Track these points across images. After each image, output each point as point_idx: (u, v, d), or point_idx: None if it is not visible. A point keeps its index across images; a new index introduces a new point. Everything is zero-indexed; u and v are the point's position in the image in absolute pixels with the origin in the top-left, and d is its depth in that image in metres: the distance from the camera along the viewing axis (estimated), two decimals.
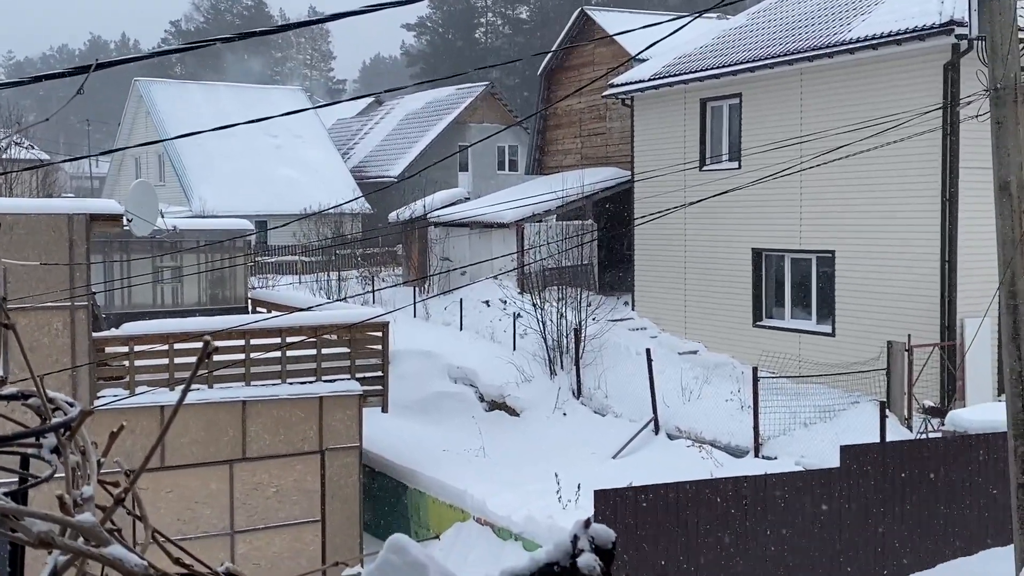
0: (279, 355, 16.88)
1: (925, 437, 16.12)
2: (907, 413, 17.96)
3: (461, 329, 26.07)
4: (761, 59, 21.99)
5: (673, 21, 10.40)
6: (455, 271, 27.15)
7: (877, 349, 19.07)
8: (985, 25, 8.88)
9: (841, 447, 13.23)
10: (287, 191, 41.74)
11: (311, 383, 17.14)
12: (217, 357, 15.16)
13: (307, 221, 32.52)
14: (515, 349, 23.76)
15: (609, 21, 32.11)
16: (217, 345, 1.39)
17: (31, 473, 1.40)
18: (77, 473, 1.32)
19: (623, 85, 26.33)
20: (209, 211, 38.39)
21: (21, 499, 1.30)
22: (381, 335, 17.93)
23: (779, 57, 21.48)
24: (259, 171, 42.79)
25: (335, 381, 17.31)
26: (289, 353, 17.00)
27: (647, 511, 12.09)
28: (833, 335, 20.91)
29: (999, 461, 12.58)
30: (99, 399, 15.50)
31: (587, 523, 1.30)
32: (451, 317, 26.81)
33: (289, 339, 16.94)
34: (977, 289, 17.54)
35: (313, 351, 17.24)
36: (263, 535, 16.75)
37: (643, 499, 12.15)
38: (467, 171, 44.21)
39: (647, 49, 12.13)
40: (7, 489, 1.30)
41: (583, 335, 22.66)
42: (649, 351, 20.64)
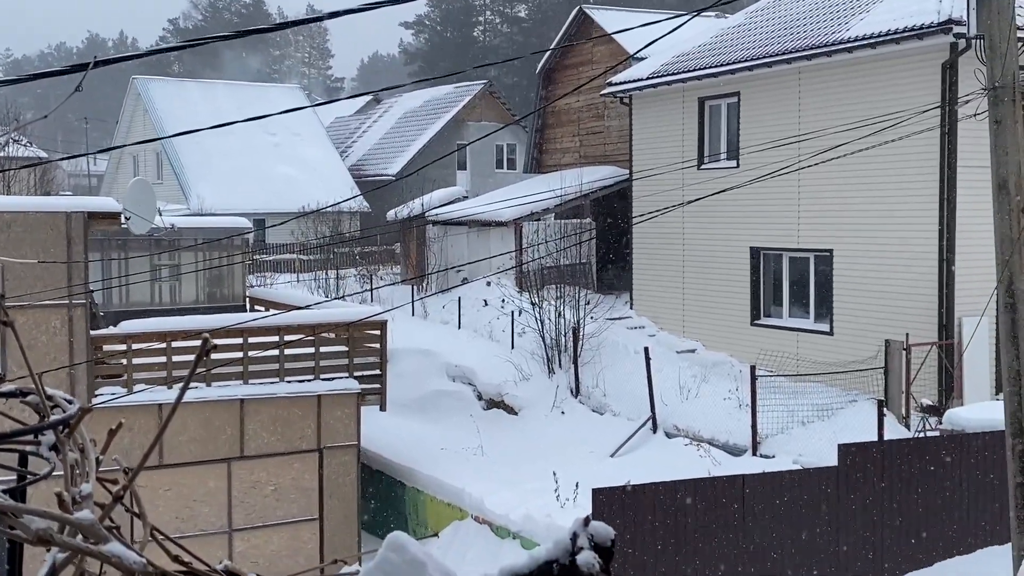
0: (277, 353, 16.88)
1: (923, 436, 16.13)
2: (905, 412, 17.97)
3: (459, 328, 26.07)
4: (759, 58, 21.99)
5: (671, 20, 10.38)
6: (453, 269, 27.15)
7: (875, 348, 19.08)
8: (983, 24, 8.89)
9: (839, 445, 13.24)
10: (285, 189, 41.72)
11: (309, 381, 17.13)
12: (215, 355, 15.16)
13: (305, 219, 32.51)
14: (513, 348, 23.76)
15: (607, 20, 32.10)
16: (215, 343, 1.39)
17: (30, 471, 1.40)
18: (76, 470, 1.32)
19: (621, 84, 26.32)
20: (207, 209, 38.37)
21: (20, 496, 1.30)
22: (379, 333, 17.93)
23: (777, 56, 21.48)
24: (257, 169, 42.78)
25: (333, 379, 17.31)
26: (287, 351, 16.99)
27: (645, 509, 12.09)
28: (831, 334, 20.92)
29: (997, 460, 12.60)
30: (97, 397, 15.50)
31: (586, 521, 1.30)
32: (449, 316, 26.81)
33: (287, 337, 16.94)
34: (975, 288, 17.54)
35: (311, 349, 17.24)
36: (261, 533, 16.75)
37: (641, 498, 12.15)
38: (465, 169, 44.18)
39: (645, 48, 12.13)
40: (6, 486, 1.30)
41: (581, 334, 22.66)
42: (647, 350, 20.64)
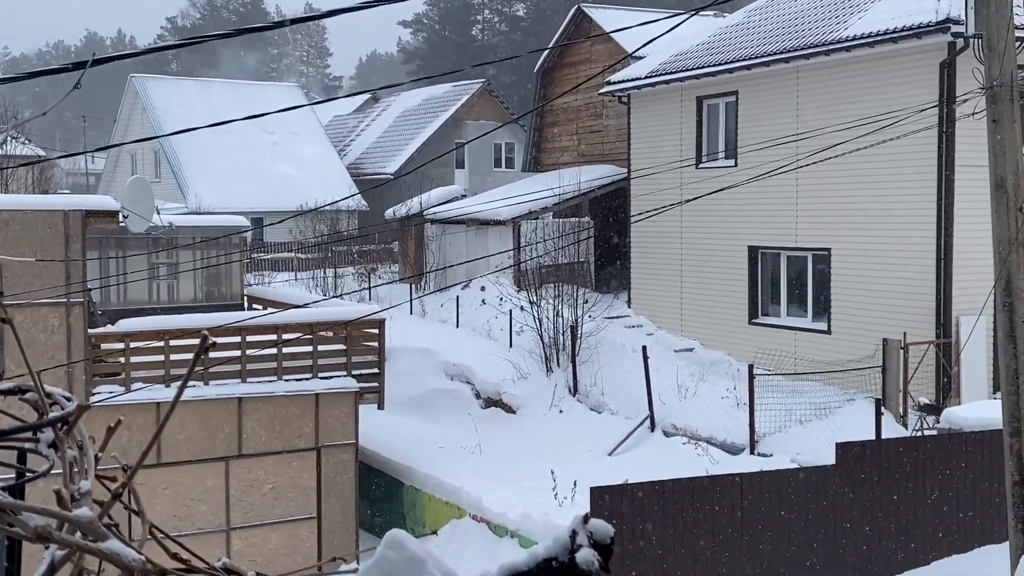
0: (275, 352, 16.87)
1: (920, 434, 16.14)
2: (902, 410, 17.98)
3: (457, 326, 26.07)
4: (757, 57, 22.00)
5: (670, 19, 10.38)
6: (451, 268, 27.14)
7: (873, 346, 19.09)
8: (981, 23, 8.89)
9: (837, 444, 13.24)
10: (283, 188, 41.70)
11: (307, 380, 17.13)
12: (213, 354, 15.17)
13: (303, 218, 32.50)
14: (511, 346, 23.76)
15: (606, 18, 32.09)
16: (214, 341, 1.39)
17: (28, 468, 1.40)
18: (74, 468, 1.32)
19: (620, 82, 26.32)
20: (205, 208, 38.35)
21: (18, 494, 1.30)
22: (377, 332, 17.92)
23: (775, 55, 21.49)
24: (255, 168, 42.76)
25: (331, 378, 17.30)
26: (285, 350, 16.98)
27: (643, 508, 12.09)
28: (829, 332, 20.93)
29: (994, 458, 12.61)
30: (95, 396, 15.49)
31: (586, 518, 1.30)
32: (447, 314, 26.81)
33: (285, 336, 16.93)
34: (972, 287, 17.55)
35: (309, 348, 17.23)
36: (259, 532, 16.75)
37: (639, 496, 12.15)
38: (463, 168, 44.14)
39: (644, 47, 12.12)
40: (5, 484, 1.30)
41: (579, 332, 22.66)
42: (645, 348, 20.65)
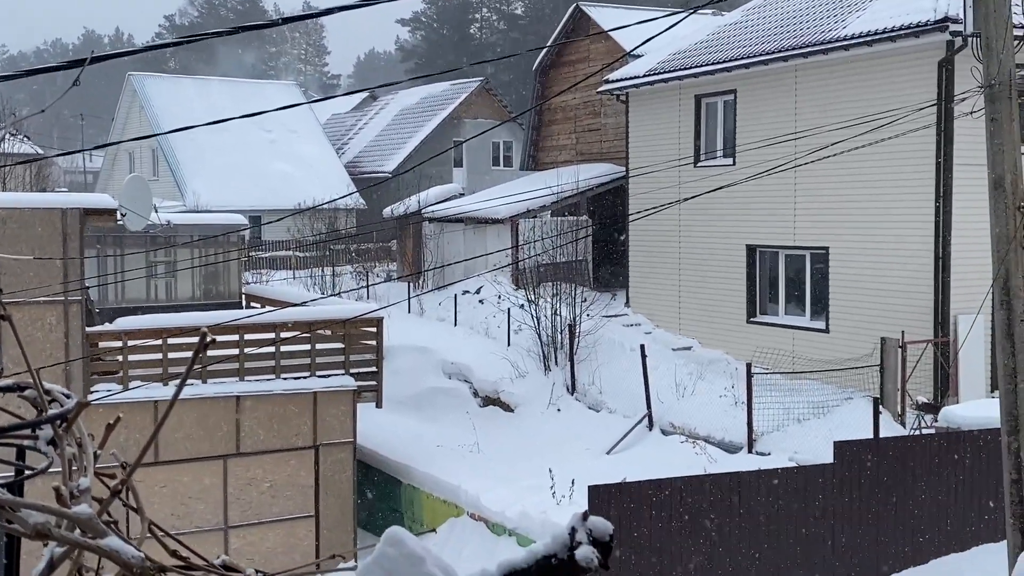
0: (273, 350, 16.87)
1: (918, 433, 16.15)
2: (900, 409, 17.99)
3: (455, 325, 26.07)
4: (756, 55, 22.00)
5: (668, 17, 10.38)
6: (449, 266, 27.14)
7: (871, 345, 19.10)
8: (980, 22, 8.89)
9: (835, 443, 13.25)
10: (281, 186, 41.69)
11: (305, 378, 17.13)
12: (211, 352, 15.16)
13: (301, 216, 32.48)
14: (509, 345, 23.76)
15: (604, 17, 32.09)
16: (213, 338, 1.39)
17: (27, 465, 1.40)
18: (73, 465, 1.32)
19: (618, 81, 26.32)
20: (203, 206, 38.33)
21: (17, 491, 1.30)
22: (375, 330, 17.93)
23: (774, 53, 21.49)
24: (253, 166, 42.74)
25: (329, 376, 17.30)
26: (283, 348, 16.98)
27: (641, 507, 12.10)
28: (827, 331, 20.94)
29: (992, 457, 12.62)
30: (93, 394, 15.48)
31: (585, 516, 1.30)
32: (445, 313, 26.81)
33: (283, 334, 16.93)
34: (970, 286, 17.57)
35: (307, 346, 17.23)
36: (257, 530, 16.75)
37: (637, 495, 12.16)
38: (462, 167, 44.17)
39: (642, 45, 12.13)
40: (3, 481, 1.30)
41: (577, 331, 22.66)
42: (643, 347, 20.65)
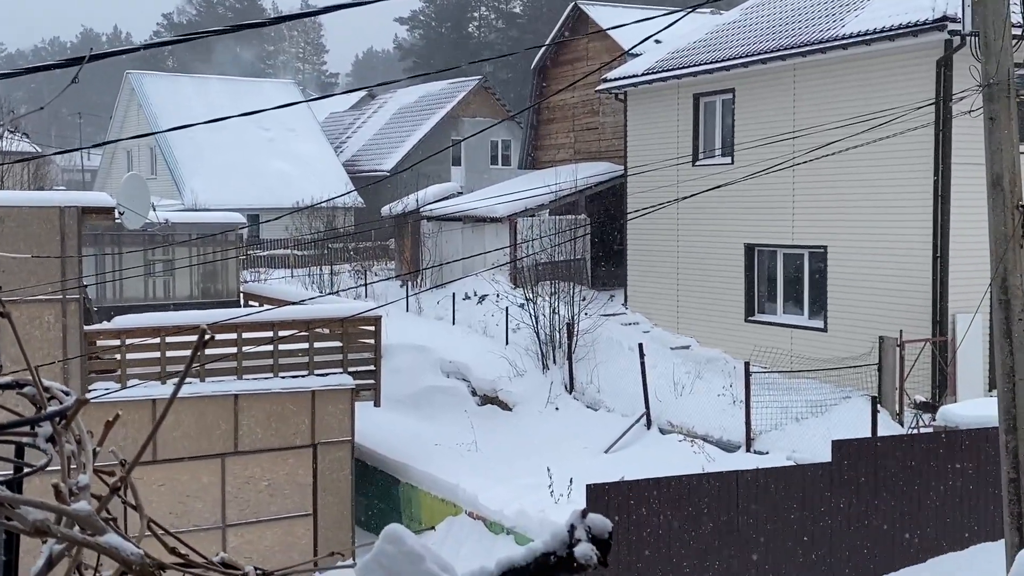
0: (271, 349, 16.86)
1: (916, 432, 16.16)
2: (898, 408, 18.00)
3: (454, 323, 26.07)
4: (754, 54, 22.00)
5: (667, 16, 10.38)
6: (447, 265, 27.14)
7: (869, 344, 19.11)
8: (978, 21, 8.89)
9: (833, 442, 13.26)
10: (279, 184, 41.67)
11: (303, 377, 17.12)
12: (209, 350, 15.15)
13: (299, 215, 32.47)
14: (508, 343, 23.76)
15: (602, 16, 32.09)
16: (212, 335, 1.39)
17: (26, 462, 1.40)
18: (72, 462, 1.32)
19: (616, 80, 26.32)
20: (201, 204, 38.31)
21: (17, 488, 1.30)
22: (373, 329, 17.92)
23: (772, 52, 21.49)
24: (251, 164, 42.72)
25: (327, 375, 17.29)
26: (281, 347, 16.97)
27: (639, 505, 12.10)
28: (825, 330, 20.95)
29: (990, 456, 12.63)
30: (91, 392, 15.47)
31: (584, 513, 1.30)
32: (444, 311, 26.80)
33: (281, 333, 16.92)
34: (968, 285, 17.58)
35: (305, 345, 17.22)
36: (255, 529, 16.74)
37: (635, 493, 12.16)
38: (460, 165, 44.18)
39: (640, 44, 12.13)
40: (3, 478, 1.30)
41: (575, 330, 22.67)
42: (641, 346, 20.65)
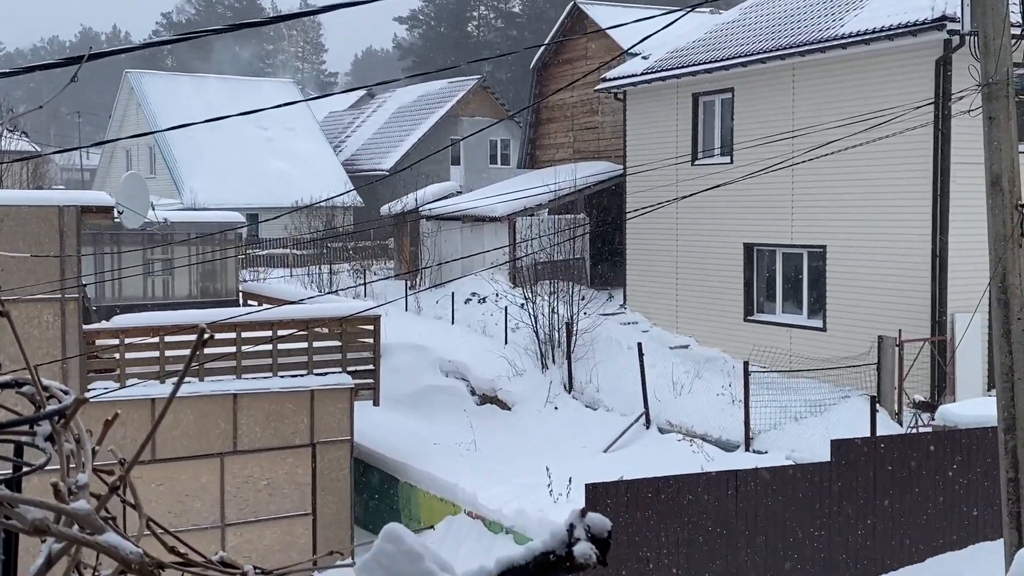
0: (270, 348, 16.86)
1: (915, 431, 16.17)
2: (897, 407, 18.01)
3: (453, 323, 26.07)
4: (753, 54, 22.01)
5: (666, 15, 10.38)
6: (446, 264, 27.13)
7: (868, 344, 19.11)
8: (977, 20, 8.89)
9: (832, 441, 13.26)
10: (278, 184, 41.67)
11: (302, 376, 17.12)
12: (208, 350, 15.14)
13: (298, 214, 32.47)
14: (507, 343, 23.76)
15: (601, 15, 32.09)
16: (211, 334, 1.38)
17: (25, 461, 1.40)
18: (71, 461, 1.32)
19: (615, 79, 26.32)
20: (200, 204, 38.32)
21: (16, 487, 1.30)
22: (372, 328, 17.92)
23: (771, 52, 21.49)
24: (250, 164, 42.71)
25: (326, 374, 17.29)
26: (280, 346, 16.97)
27: (638, 505, 12.10)
28: (824, 330, 20.96)
29: (989, 456, 12.63)
30: (89, 391, 15.47)
31: (583, 512, 1.30)
32: (443, 311, 26.80)
33: (280, 332, 16.92)
34: (967, 284, 17.58)
35: (304, 344, 17.22)
36: (254, 528, 16.74)
37: (634, 493, 12.16)
38: (459, 165, 44.18)
39: (640, 43, 12.13)
40: (1, 477, 1.30)
41: (575, 329, 22.67)
42: (640, 345, 20.66)
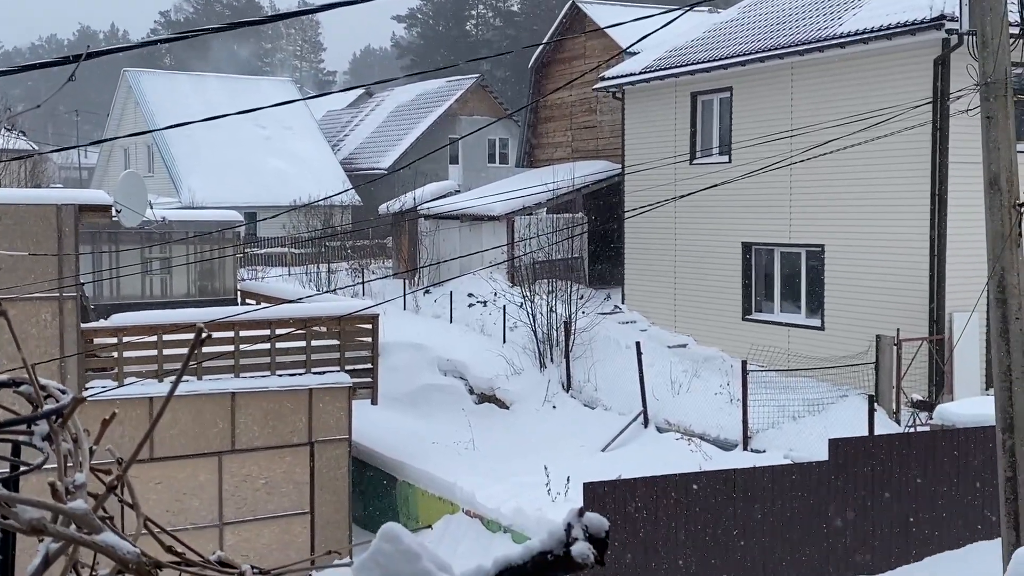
0: (268, 347, 16.86)
1: (913, 431, 16.18)
2: (895, 407, 18.02)
3: (451, 321, 26.07)
4: (752, 53, 22.01)
5: (664, 15, 10.39)
6: (445, 263, 27.13)
7: (866, 343, 19.12)
8: (976, 20, 8.90)
9: (829, 440, 13.27)
10: (276, 182, 41.66)
11: (300, 375, 17.11)
12: (206, 348, 15.13)
13: (296, 213, 32.47)
14: (505, 342, 23.77)
15: (600, 14, 32.08)
16: (209, 333, 1.38)
17: (23, 460, 1.40)
18: (69, 461, 1.32)
19: (614, 78, 26.31)
20: (198, 202, 38.31)
21: (13, 486, 1.30)
22: (371, 327, 17.92)
23: (770, 51, 21.49)
24: (248, 162, 42.70)
25: (325, 373, 17.29)
26: (278, 345, 16.97)
27: (636, 504, 12.11)
28: (822, 329, 20.96)
29: (986, 455, 12.64)
30: (87, 390, 15.46)
31: (581, 512, 1.30)
32: (441, 309, 26.80)
33: (278, 331, 16.91)
34: (965, 284, 17.59)
35: (302, 343, 17.22)
36: (252, 527, 16.74)
37: (632, 492, 12.17)
38: (457, 163, 44.18)
39: (638, 42, 12.14)
40: None
41: (573, 328, 22.67)
42: (639, 344, 20.66)
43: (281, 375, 16.98)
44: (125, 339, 16.13)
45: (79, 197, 16.53)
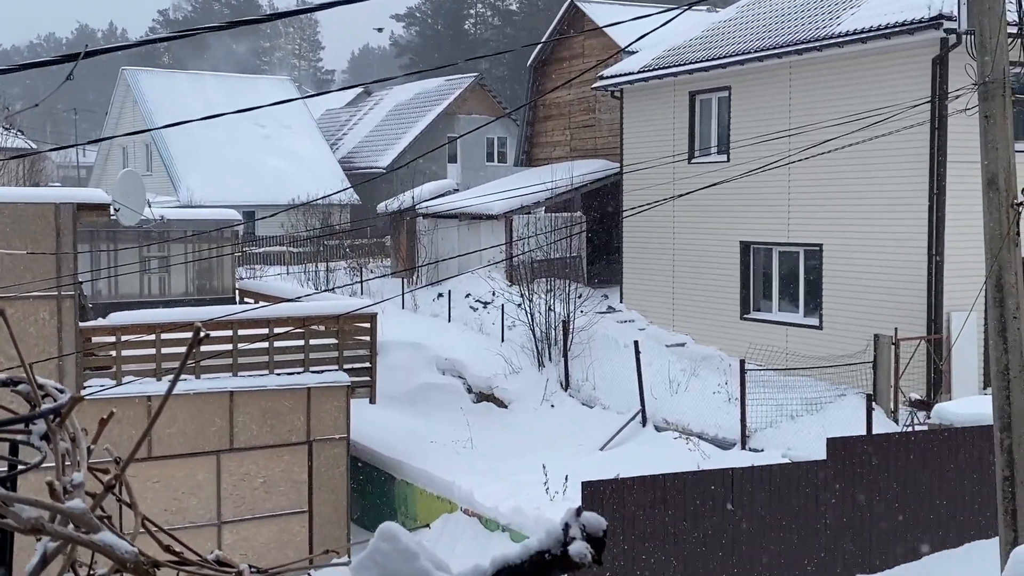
0: (267, 346, 16.85)
1: (911, 430, 16.19)
2: (893, 406, 18.02)
3: (449, 320, 26.07)
4: (750, 52, 22.01)
5: (663, 14, 10.38)
6: (443, 262, 27.13)
7: (864, 342, 19.13)
8: (974, 19, 8.90)
9: (828, 440, 13.28)
10: (275, 181, 41.65)
11: (299, 374, 17.11)
12: (204, 347, 15.14)
13: (295, 211, 32.46)
14: (503, 341, 23.76)
15: (599, 13, 32.07)
16: (207, 332, 1.38)
17: (21, 460, 1.40)
18: (67, 460, 1.32)
19: (612, 77, 26.31)
20: (197, 201, 38.29)
21: (11, 485, 1.30)
22: (369, 326, 17.92)
23: (768, 50, 21.49)
24: (247, 161, 42.67)
25: (323, 372, 17.29)
26: (277, 344, 16.96)
27: (634, 503, 12.11)
28: (820, 328, 20.97)
29: (985, 454, 12.65)
30: (86, 389, 15.46)
31: (578, 511, 1.30)
32: (439, 308, 26.80)
33: (277, 330, 16.91)
34: (963, 283, 17.60)
35: (301, 342, 17.22)
36: (250, 526, 16.74)
37: (630, 491, 12.17)
38: (456, 162, 44.17)
39: (637, 42, 12.14)
40: None
41: (571, 327, 22.67)
42: (637, 343, 20.66)
43: (279, 374, 16.98)
44: (123, 338, 16.12)
45: (77, 196, 16.53)
